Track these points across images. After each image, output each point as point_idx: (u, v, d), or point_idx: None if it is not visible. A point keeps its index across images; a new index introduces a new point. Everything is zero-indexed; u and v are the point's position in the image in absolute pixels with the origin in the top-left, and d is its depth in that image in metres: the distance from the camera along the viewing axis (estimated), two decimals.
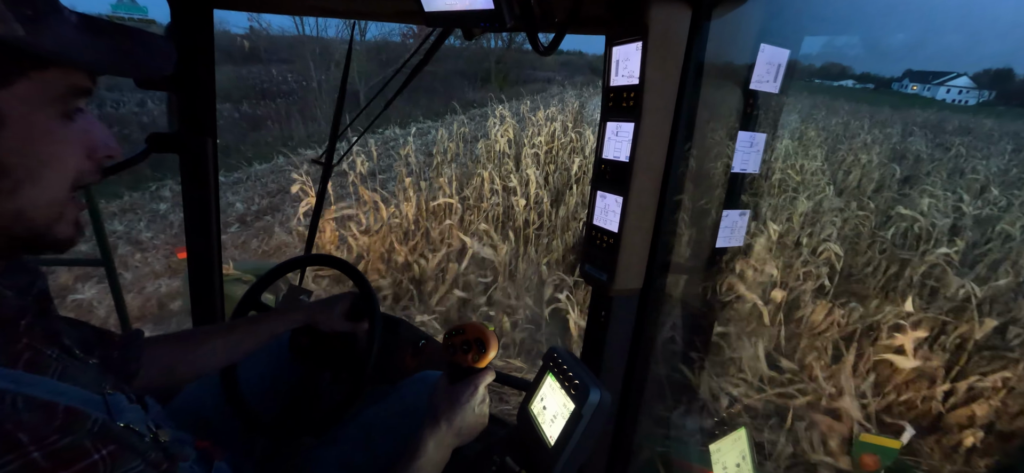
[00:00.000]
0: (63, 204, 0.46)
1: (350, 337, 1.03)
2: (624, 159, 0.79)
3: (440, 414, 0.72)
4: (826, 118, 11.92)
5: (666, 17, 0.71)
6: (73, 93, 0.44)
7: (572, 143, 6.68)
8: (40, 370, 0.43)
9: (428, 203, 4.42)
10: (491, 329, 0.80)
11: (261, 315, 0.94)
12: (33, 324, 0.46)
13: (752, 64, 0.79)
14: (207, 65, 1.22)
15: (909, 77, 64.77)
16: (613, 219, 0.83)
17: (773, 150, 5.64)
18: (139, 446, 0.45)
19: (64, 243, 0.47)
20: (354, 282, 1.04)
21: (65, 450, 0.37)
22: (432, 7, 0.71)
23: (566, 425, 0.71)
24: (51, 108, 0.42)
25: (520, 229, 4.30)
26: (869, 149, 8.08)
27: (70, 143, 0.45)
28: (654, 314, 0.96)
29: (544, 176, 5.39)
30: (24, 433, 0.36)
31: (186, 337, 0.84)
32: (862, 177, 6.47)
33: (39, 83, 0.41)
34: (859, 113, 14.86)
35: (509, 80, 24.49)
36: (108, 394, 0.48)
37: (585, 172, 5.40)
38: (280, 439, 0.99)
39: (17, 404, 0.37)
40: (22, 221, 0.43)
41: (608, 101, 0.82)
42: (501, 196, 4.61)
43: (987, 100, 56.17)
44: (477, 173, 5.04)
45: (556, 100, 11.80)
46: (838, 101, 17.96)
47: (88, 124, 0.47)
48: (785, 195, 4.95)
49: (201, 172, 1.29)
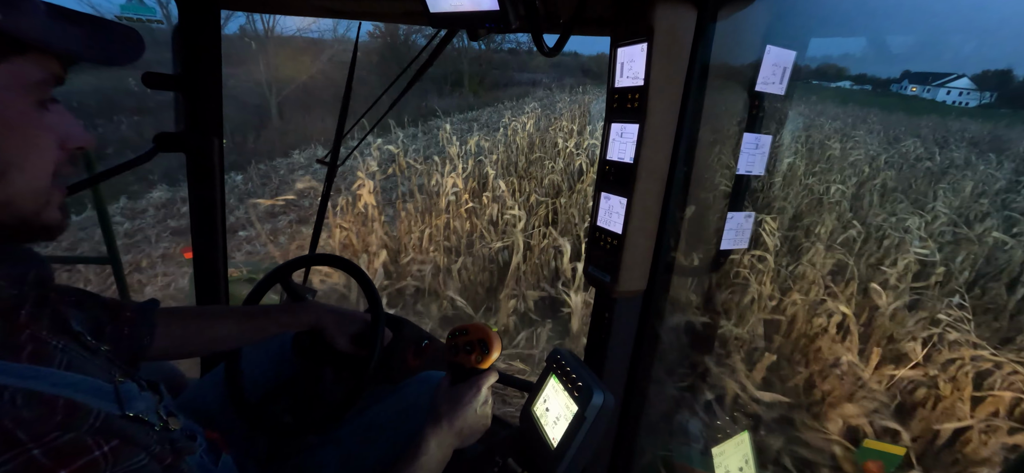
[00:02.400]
0: (48, 191, 0.46)
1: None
2: (628, 160, 0.79)
3: (442, 414, 0.72)
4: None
5: (671, 18, 0.71)
6: (48, 80, 0.44)
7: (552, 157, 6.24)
8: (45, 361, 0.42)
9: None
10: (495, 330, 0.80)
11: (273, 306, 0.94)
12: (35, 314, 0.45)
13: (758, 65, 0.79)
14: (214, 65, 1.23)
15: (908, 78, 64.14)
16: (617, 220, 0.82)
17: (777, 152, 5.53)
18: (144, 439, 0.45)
19: (54, 229, 0.47)
20: (358, 283, 1.05)
21: (65, 447, 0.37)
22: (437, 8, 0.71)
23: (569, 427, 0.71)
24: (29, 95, 0.42)
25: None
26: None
27: (47, 131, 0.45)
28: (658, 316, 0.95)
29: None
30: (23, 430, 0.36)
31: (200, 313, 0.84)
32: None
33: (16, 68, 0.41)
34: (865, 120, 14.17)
35: (486, 84, 22.64)
36: (119, 382, 0.48)
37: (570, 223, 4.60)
38: (282, 437, 0.99)
39: (16, 400, 0.37)
40: (10, 209, 0.43)
41: (613, 102, 0.82)
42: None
43: (988, 102, 55.45)
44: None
45: (534, 107, 11.22)
46: (837, 104, 17.22)
47: (61, 114, 0.47)
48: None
49: (207, 171, 1.30)
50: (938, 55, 63.88)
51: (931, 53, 64.14)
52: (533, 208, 4.79)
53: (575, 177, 6.10)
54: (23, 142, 0.43)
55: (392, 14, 1.20)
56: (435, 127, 11.30)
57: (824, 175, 6.49)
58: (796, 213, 5.08)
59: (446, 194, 4.31)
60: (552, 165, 6.23)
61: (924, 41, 43.19)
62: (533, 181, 5.78)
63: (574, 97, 15.82)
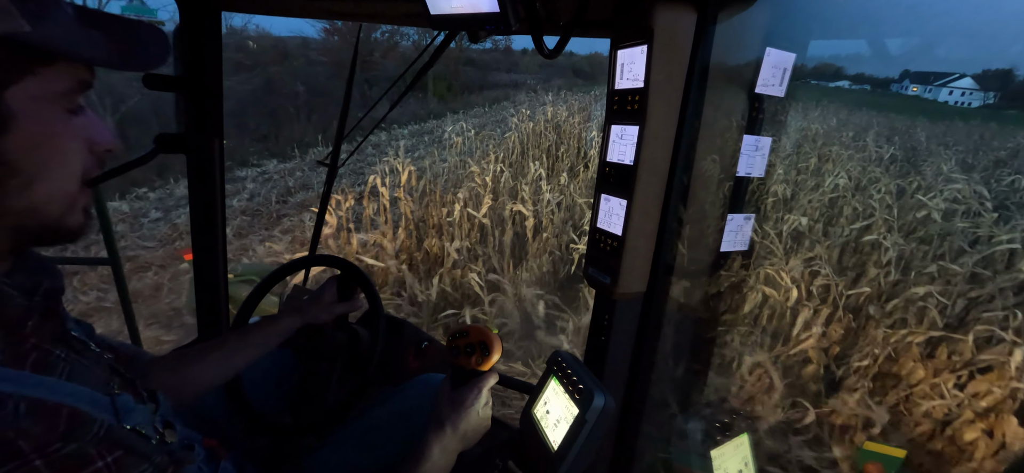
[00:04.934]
0: (74, 196, 0.46)
1: (352, 332, 1.03)
2: (628, 162, 0.79)
3: (445, 419, 0.72)
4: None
5: (671, 20, 0.71)
6: (76, 87, 0.44)
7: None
8: (47, 370, 0.42)
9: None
10: (495, 332, 0.80)
11: (255, 325, 0.93)
12: (40, 325, 0.45)
13: (757, 67, 0.79)
14: (215, 66, 1.23)
15: (909, 78, 63.56)
16: (617, 222, 0.82)
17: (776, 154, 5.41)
18: (145, 450, 0.45)
19: (76, 232, 0.47)
20: (359, 284, 1.05)
21: (68, 458, 0.37)
22: (437, 10, 0.71)
23: (570, 429, 0.70)
24: (58, 104, 0.42)
25: None
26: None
27: (75, 137, 0.45)
28: (658, 318, 0.95)
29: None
30: (25, 441, 0.35)
31: (182, 357, 0.83)
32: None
33: (46, 79, 0.41)
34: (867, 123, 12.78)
35: (456, 88, 19.30)
36: (116, 394, 0.48)
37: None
38: (283, 439, 0.99)
39: (19, 409, 0.36)
40: (35, 216, 0.43)
41: (613, 104, 0.82)
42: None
43: (991, 102, 55.01)
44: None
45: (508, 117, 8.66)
46: (836, 105, 16.47)
47: (88, 118, 0.47)
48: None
49: (208, 173, 1.30)
50: (934, 56, 63.80)
51: (929, 55, 63.78)
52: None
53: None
54: (51, 151, 0.43)
55: (392, 16, 1.20)
56: (370, 142, 8.98)
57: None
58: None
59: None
60: (498, 235, 3.97)
61: (923, 43, 43.47)
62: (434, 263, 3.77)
63: (565, 101, 11.97)
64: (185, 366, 0.81)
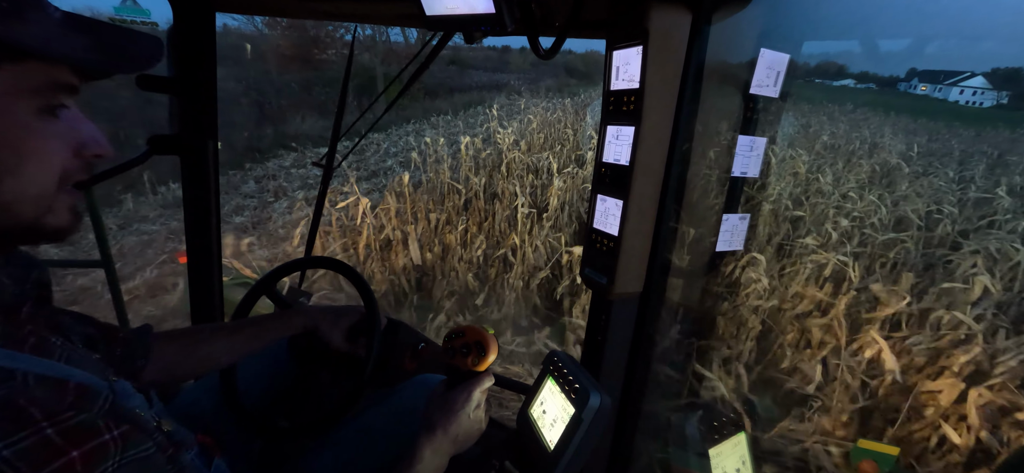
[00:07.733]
0: (51, 197, 0.45)
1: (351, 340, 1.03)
2: (624, 163, 0.79)
3: (436, 422, 0.72)
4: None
5: (666, 21, 0.71)
6: (54, 88, 0.44)
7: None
8: (46, 354, 0.43)
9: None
10: (491, 332, 0.80)
11: (265, 317, 0.93)
12: (35, 313, 0.46)
13: (752, 68, 0.79)
14: (209, 67, 1.22)
15: (918, 77, 62.64)
16: (613, 222, 0.83)
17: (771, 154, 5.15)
18: (148, 427, 0.46)
19: (61, 232, 0.47)
20: (354, 285, 1.04)
21: (78, 427, 0.37)
22: (433, 10, 0.71)
23: (566, 429, 0.71)
24: (27, 102, 0.42)
25: None
26: None
27: (53, 139, 0.44)
28: (654, 318, 0.96)
29: None
30: (37, 409, 0.36)
31: (188, 334, 0.84)
32: None
33: (13, 76, 0.40)
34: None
35: (413, 93, 13.87)
36: (113, 381, 0.48)
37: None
38: (278, 440, 0.98)
39: (28, 381, 0.37)
40: (9, 214, 0.43)
41: (608, 105, 0.83)
42: None
43: (1004, 102, 54.02)
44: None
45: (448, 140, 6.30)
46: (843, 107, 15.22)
47: (75, 121, 0.46)
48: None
49: (202, 174, 1.30)
50: (934, 55, 63.58)
51: (930, 54, 63.60)
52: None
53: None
54: (18, 149, 0.42)
55: (388, 17, 1.20)
56: (273, 168, 7.26)
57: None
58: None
59: None
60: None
61: (925, 42, 42.87)
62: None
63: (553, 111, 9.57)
64: (187, 343, 0.82)
